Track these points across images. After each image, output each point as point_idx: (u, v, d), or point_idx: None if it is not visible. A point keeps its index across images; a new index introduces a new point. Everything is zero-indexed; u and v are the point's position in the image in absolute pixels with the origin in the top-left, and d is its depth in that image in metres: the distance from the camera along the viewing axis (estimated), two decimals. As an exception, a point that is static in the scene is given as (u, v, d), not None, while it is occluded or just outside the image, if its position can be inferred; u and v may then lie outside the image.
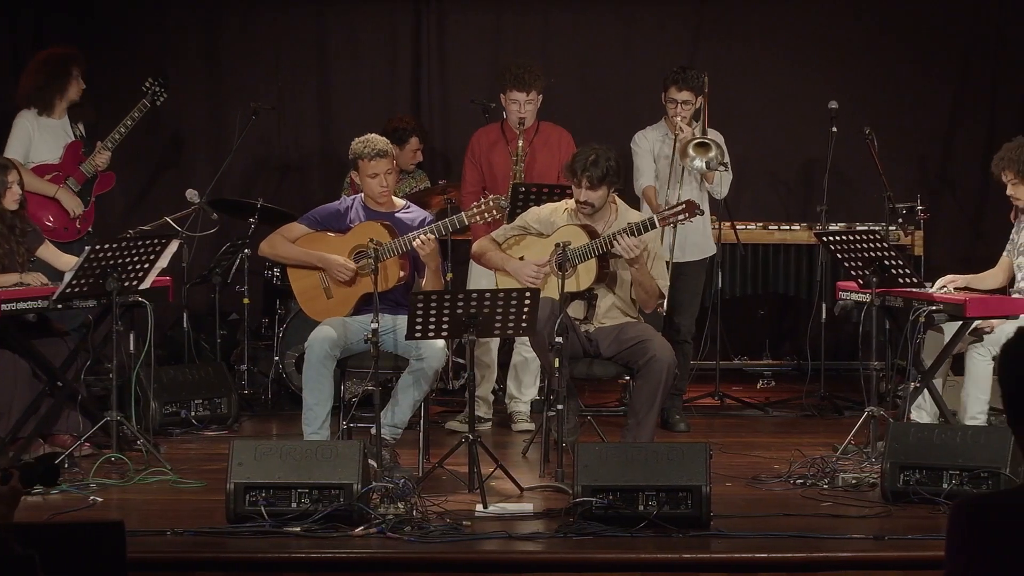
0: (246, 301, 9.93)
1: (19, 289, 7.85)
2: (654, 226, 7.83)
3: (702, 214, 8.44)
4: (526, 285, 7.79)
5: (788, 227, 10.47)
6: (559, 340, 7.38)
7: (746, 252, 10.28)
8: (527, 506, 6.93)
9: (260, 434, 9.14)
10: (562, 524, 6.52)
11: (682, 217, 7.89)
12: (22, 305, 7.73)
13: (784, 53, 11.26)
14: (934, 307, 7.80)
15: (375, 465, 7.19)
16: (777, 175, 11.31)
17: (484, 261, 8.26)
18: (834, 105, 9.82)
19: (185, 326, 9.90)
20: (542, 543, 6.42)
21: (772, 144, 11.18)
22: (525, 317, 7.25)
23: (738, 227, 10.05)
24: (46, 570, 3.89)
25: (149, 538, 6.36)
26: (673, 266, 8.82)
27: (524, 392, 9.18)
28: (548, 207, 8.19)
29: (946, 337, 8.03)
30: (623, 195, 8.29)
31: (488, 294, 7.21)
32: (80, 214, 9.40)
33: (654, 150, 9.15)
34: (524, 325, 7.30)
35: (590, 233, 7.86)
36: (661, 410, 8.13)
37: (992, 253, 8.70)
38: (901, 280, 7.95)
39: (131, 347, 8.18)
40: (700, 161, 8.95)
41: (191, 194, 9.62)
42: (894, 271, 7.93)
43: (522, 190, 8.77)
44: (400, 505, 6.56)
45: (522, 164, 9.04)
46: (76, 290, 7.75)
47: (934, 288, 8.03)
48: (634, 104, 10.74)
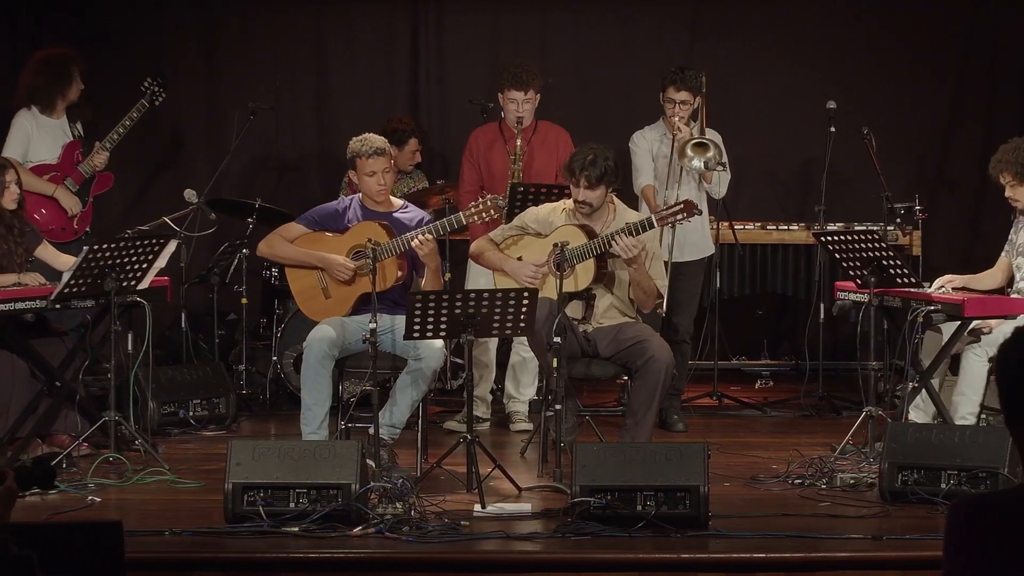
0: (244, 301, 9.93)
1: (17, 289, 7.84)
2: (652, 226, 7.83)
3: (700, 214, 8.43)
4: (524, 285, 7.79)
5: (786, 227, 10.47)
6: (557, 340, 7.38)
7: (744, 252, 10.28)
8: (525, 506, 6.92)
9: (258, 434, 9.13)
10: (560, 524, 6.52)
11: (680, 217, 7.89)
12: (20, 305, 7.72)
13: (782, 53, 11.26)
14: (932, 307, 7.80)
15: (373, 465, 7.18)
16: (775, 175, 11.31)
17: (482, 261, 8.26)
18: (832, 105, 9.82)
19: (183, 326, 9.89)
20: (540, 543, 6.42)
21: (770, 144, 11.18)
22: (523, 317, 7.24)
23: (736, 227, 10.05)
24: (44, 570, 3.88)
25: (147, 538, 6.36)
26: (672, 266, 8.83)
27: (522, 392, 9.17)
28: (546, 207, 8.18)
29: (944, 337, 8.03)
30: (621, 195, 8.29)
31: (486, 294, 7.20)
32: (78, 213, 9.40)
33: (652, 150, 9.15)
34: (522, 325, 7.30)
35: (588, 233, 7.86)
36: (659, 410, 8.12)
37: (990, 253, 8.69)
38: (899, 280, 7.95)
39: (129, 347, 8.18)
40: (698, 161, 8.95)
41: (189, 194, 9.60)
42: (892, 271, 7.93)
43: (520, 190, 8.76)
44: (398, 505, 6.56)
45: (520, 163, 9.04)
46: (74, 290, 7.75)
47: (932, 288, 8.03)
48: (632, 104, 10.73)
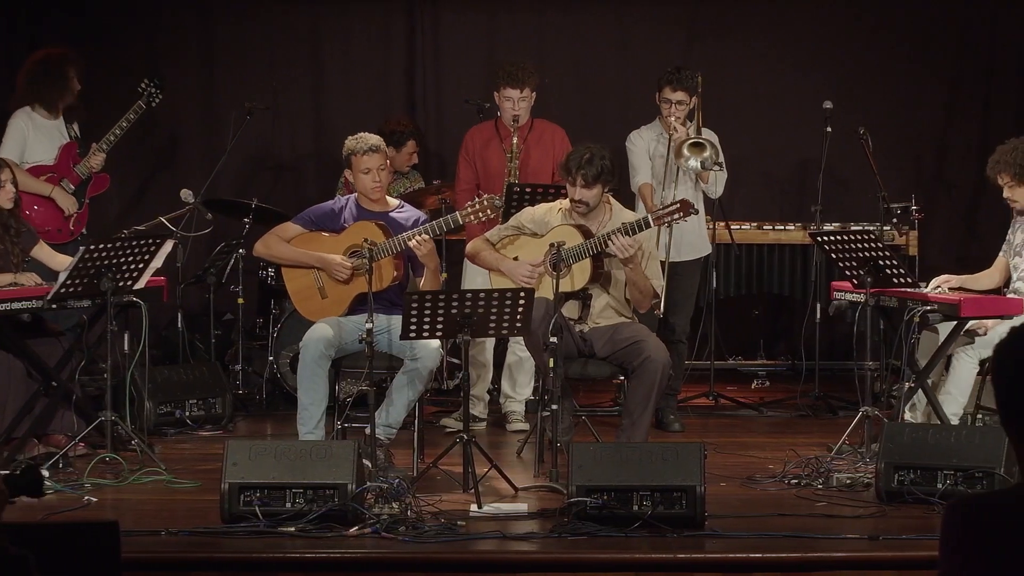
0: (241, 301, 9.93)
1: (13, 289, 7.83)
2: (648, 225, 7.83)
3: (696, 213, 8.43)
4: (521, 285, 7.79)
5: (783, 227, 10.47)
6: (554, 340, 7.38)
7: (741, 252, 10.28)
8: (522, 506, 6.92)
9: (255, 434, 9.13)
10: (557, 524, 6.51)
11: (676, 216, 7.89)
12: (16, 305, 7.72)
13: (779, 53, 11.26)
14: (928, 307, 7.79)
15: (370, 465, 7.17)
16: (772, 175, 11.31)
17: (478, 261, 8.26)
18: (829, 105, 9.83)
19: (180, 326, 9.89)
20: (537, 543, 6.41)
21: (767, 144, 11.18)
22: (520, 317, 7.24)
23: (733, 227, 10.04)
24: (40, 570, 3.88)
25: (143, 538, 6.35)
26: (668, 266, 8.82)
27: (519, 392, 9.17)
28: (542, 207, 8.18)
29: (941, 337, 8.03)
30: (618, 195, 8.28)
31: (483, 294, 7.20)
32: (75, 214, 9.39)
33: (649, 149, 9.15)
34: (519, 325, 7.30)
35: (584, 233, 7.86)
36: (655, 410, 8.12)
37: (987, 253, 8.70)
38: (896, 280, 7.95)
39: (126, 347, 8.18)
40: (695, 161, 8.94)
41: (185, 194, 9.60)
42: (888, 271, 7.92)
43: (516, 190, 8.76)
44: (395, 505, 6.55)
45: (516, 161, 9.04)
46: (71, 290, 7.74)
47: (928, 288, 8.03)
48: (629, 104, 10.73)
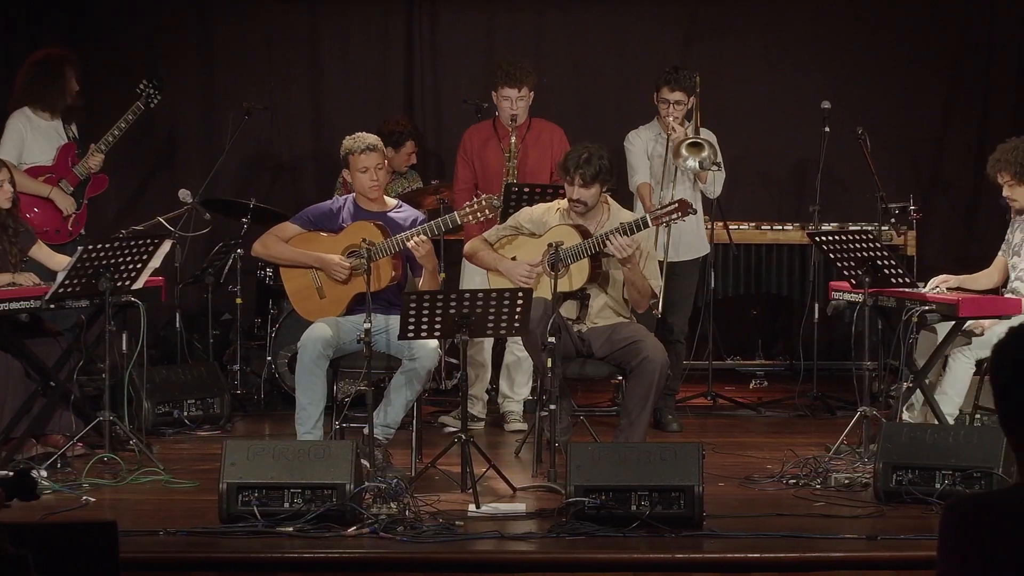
0: (239, 301, 9.93)
1: (11, 289, 7.82)
2: (647, 225, 7.83)
3: (695, 213, 8.43)
4: (519, 285, 7.79)
5: (781, 227, 10.47)
6: (552, 340, 7.38)
7: (739, 252, 10.28)
8: (520, 506, 6.93)
9: (253, 434, 9.13)
10: (555, 524, 6.52)
11: (675, 216, 7.88)
12: (15, 305, 7.71)
13: (776, 53, 11.27)
14: (927, 307, 7.79)
15: (368, 465, 7.17)
16: (770, 175, 11.31)
17: (476, 261, 8.26)
18: (827, 105, 9.83)
19: (178, 326, 9.88)
20: (535, 543, 6.42)
21: (765, 144, 11.18)
22: (518, 317, 7.24)
23: (731, 227, 10.03)
24: (39, 570, 3.88)
25: (142, 538, 6.35)
26: (666, 266, 8.82)
27: (517, 392, 9.17)
28: (540, 207, 8.18)
29: (939, 337, 8.03)
30: (616, 196, 8.28)
31: (481, 294, 7.20)
32: (73, 215, 9.38)
33: (648, 149, 9.14)
34: (517, 325, 7.30)
35: (582, 233, 7.86)
36: (654, 410, 8.12)
37: (985, 253, 8.70)
38: (894, 280, 7.94)
39: (124, 347, 8.17)
40: (693, 161, 8.94)
41: (184, 194, 9.59)
42: (887, 271, 7.92)
43: (515, 190, 8.76)
44: (393, 505, 6.56)
45: (515, 161, 9.04)
46: (69, 290, 7.73)
47: (927, 288, 8.03)
48: (627, 104, 10.71)
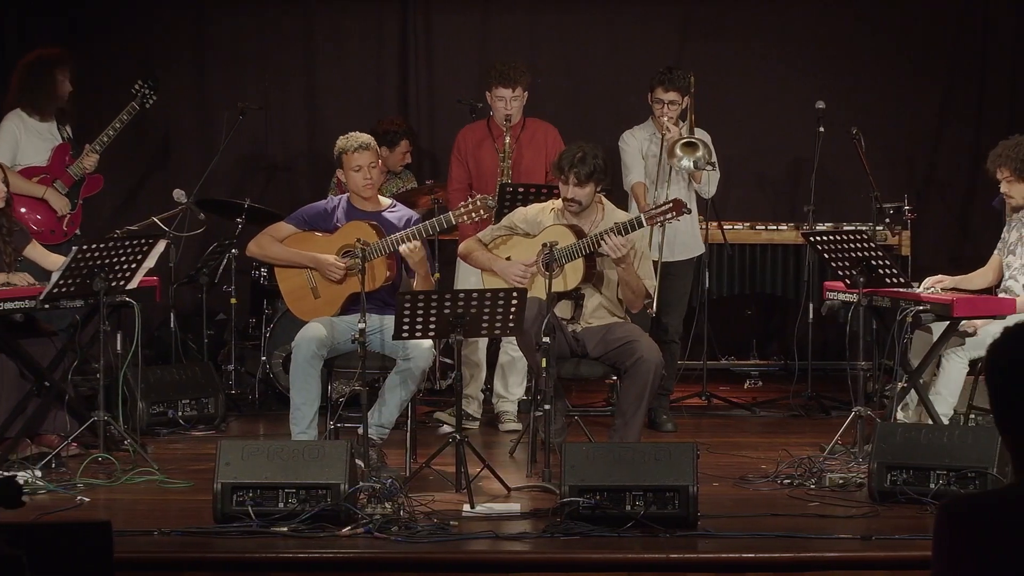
0: (233, 301, 9.92)
1: (6, 289, 7.81)
2: (641, 225, 7.83)
3: (689, 213, 8.43)
4: (513, 285, 7.79)
5: (775, 227, 10.47)
6: (546, 340, 7.37)
7: (733, 252, 10.28)
8: (514, 506, 6.92)
9: (247, 434, 9.13)
10: (549, 524, 6.51)
11: (669, 216, 7.88)
12: (9, 305, 7.70)
13: (771, 53, 11.27)
14: (921, 307, 7.80)
15: (362, 465, 7.18)
16: (764, 175, 11.31)
17: (471, 261, 8.26)
18: (821, 105, 9.83)
19: (172, 326, 9.88)
20: (529, 543, 6.42)
21: (759, 144, 11.18)
22: (512, 317, 7.24)
23: (725, 227, 10.05)
24: (33, 570, 3.88)
25: (136, 538, 6.35)
26: (661, 266, 8.82)
27: (511, 392, 9.17)
28: (535, 207, 8.18)
29: (935, 337, 8.03)
30: (611, 196, 8.28)
31: (475, 294, 7.20)
32: (68, 215, 9.37)
33: (642, 149, 9.14)
34: (511, 325, 7.30)
35: (577, 233, 7.85)
36: (648, 410, 8.12)
37: (979, 253, 8.70)
38: (888, 280, 7.95)
39: (118, 347, 8.17)
40: (688, 160, 8.94)
41: (178, 194, 9.59)
42: (881, 271, 7.93)
43: (509, 190, 8.76)
44: (387, 505, 6.55)
45: (509, 161, 9.03)
46: (63, 290, 7.73)
47: (921, 288, 8.03)
48: (621, 103, 10.72)
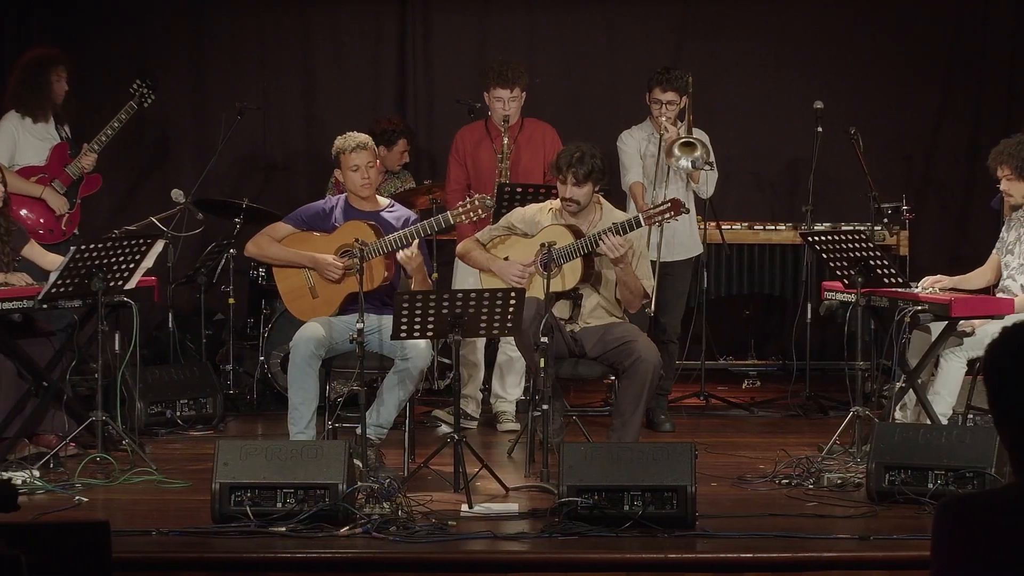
0: (231, 301, 9.92)
1: (4, 289, 7.80)
2: (639, 225, 7.83)
3: (687, 212, 8.43)
4: (511, 285, 7.79)
5: (773, 227, 10.48)
6: (544, 340, 7.37)
7: (731, 252, 10.28)
8: (512, 506, 6.92)
9: (245, 434, 9.13)
10: (547, 524, 6.51)
11: (668, 216, 7.88)
12: (7, 305, 7.70)
13: (769, 53, 11.27)
14: (919, 307, 7.80)
15: (360, 465, 7.17)
16: (762, 175, 11.31)
17: (469, 261, 8.26)
18: (819, 105, 9.82)
19: (170, 326, 9.88)
20: (527, 543, 6.41)
21: (757, 144, 11.18)
22: (510, 317, 7.24)
23: (723, 227, 10.05)
24: (31, 570, 3.88)
25: (134, 538, 6.35)
26: (659, 266, 8.82)
27: (509, 392, 9.17)
28: (533, 207, 8.18)
29: (934, 337, 8.03)
30: (609, 196, 8.28)
31: (473, 294, 7.19)
32: (66, 214, 9.37)
33: (640, 149, 9.14)
34: (509, 325, 7.29)
35: (575, 233, 7.85)
36: (646, 410, 8.12)
37: (977, 253, 8.70)
38: (886, 280, 7.95)
39: (116, 347, 8.17)
40: (686, 160, 8.94)
41: (176, 194, 9.59)
42: (879, 271, 7.93)
43: (507, 190, 8.76)
44: (385, 505, 6.55)
45: (507, 161, 9.03)
46: (61, 290, 7.72)
47: (919, 287, 8.03)
48: (619, 104, 10.73)
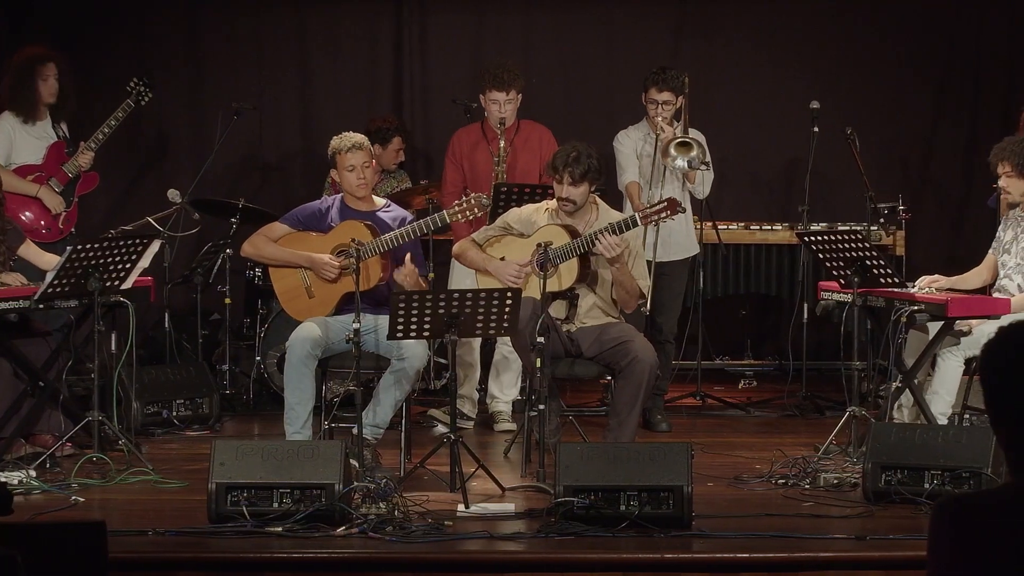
0: (228, 301, 9.91)
1: (0, 289, 7.82)
2: (636, 224, 7.83)
3: (683, 212, 8.44)
4: (508, 285, 7.79)
5: (770, 227, 10.48)
6: (541, 340, 7.37)
7: (728, 252, 10.29)
8: (509, 506, 6.92)
9: (242, 434, 9.12)
10: (544, 524, 6.51)
11: (664, 215, 7.88)
12: (3, 305, 7.68)
13: (766, 53, 11.27)
14: (916, 307, 7.80)
15: (357, 465, 7.17)
16: (759, 175, 11.31)
17: (465, 261, 8.25)
18: (816, 105, 9.83)
19: (167, 326, 9.88)
20: (524, 543, 6.41)
21: (754, 144, 11.19)
22: (507, 317, 7.24)
23: (720, 227, 10.05)
24: (28, 570, 3.88)
25: (130, 538, 6.33)
26: (656, 266, 8.82)
27: (505, 392, 9.17)
28: (529, 207, 8.18)
29: (930, 337, 8.03)
30: (605, 196, 8.29)
31: (470, 294, 7.19)
32: (63, 213, 9.37)
33: (637, 149, 9.14)
34: (506, 325, 7.30)
35: (571, 233, 7.85)
36: (643, 410, 8.12)
37: (973, 253, 8.70)
38: (883, 280, 7.95)
39: (113, 347, 8.17)
40: (682, 160, 8.94)
41: (173, 194, 9.59)
42: (876, 271, 7.93)
43: (503, 190, 8.76)
44: (382, 505, 6.55)
45: (504, 164, 9.03)
46: (58, 290, 7.71)
47: (915, 287, 8.03)
48: (616, 104, 10.73)
